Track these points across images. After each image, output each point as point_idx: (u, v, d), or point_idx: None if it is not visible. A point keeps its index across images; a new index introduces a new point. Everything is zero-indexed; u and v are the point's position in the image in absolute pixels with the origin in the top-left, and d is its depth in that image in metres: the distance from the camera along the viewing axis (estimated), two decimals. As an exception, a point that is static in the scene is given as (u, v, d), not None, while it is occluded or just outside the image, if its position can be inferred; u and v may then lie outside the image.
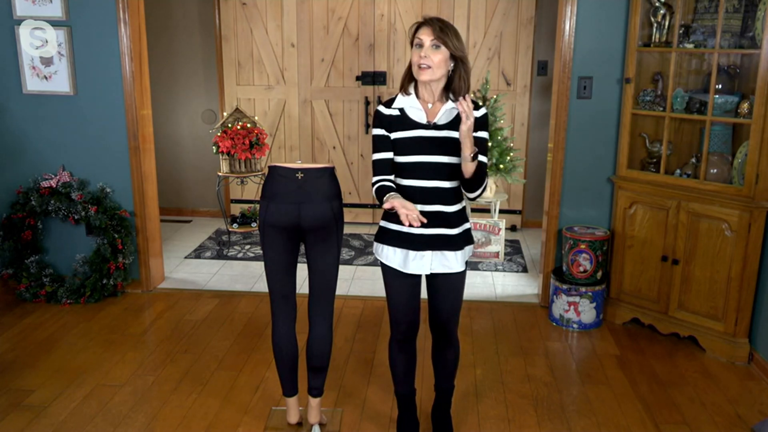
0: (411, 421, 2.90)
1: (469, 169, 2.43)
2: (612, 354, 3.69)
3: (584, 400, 3.24)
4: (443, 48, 2.42)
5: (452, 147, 2.48)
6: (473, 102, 2.52)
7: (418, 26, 2.47)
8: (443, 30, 2.41)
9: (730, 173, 3.59)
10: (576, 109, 4.01)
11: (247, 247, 5.36)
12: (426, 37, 2.42)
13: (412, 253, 2.55)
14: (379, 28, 5.57)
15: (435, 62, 2.41)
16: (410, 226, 2.32)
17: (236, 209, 5.96)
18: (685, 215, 3.65)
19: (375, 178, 2.54)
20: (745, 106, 3.45)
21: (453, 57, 2.45)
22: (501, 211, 5.62)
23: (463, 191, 2.56)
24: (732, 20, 3.49)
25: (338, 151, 5.86)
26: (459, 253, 2.58)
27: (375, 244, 2.66)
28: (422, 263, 2.56)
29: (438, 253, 2.56)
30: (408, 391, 2.88)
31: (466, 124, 2.31)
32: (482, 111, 2.53)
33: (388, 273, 2.64)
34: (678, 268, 3.71)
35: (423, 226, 2.44)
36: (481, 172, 2.47)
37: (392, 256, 2.59)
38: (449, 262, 2.57)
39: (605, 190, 4.10)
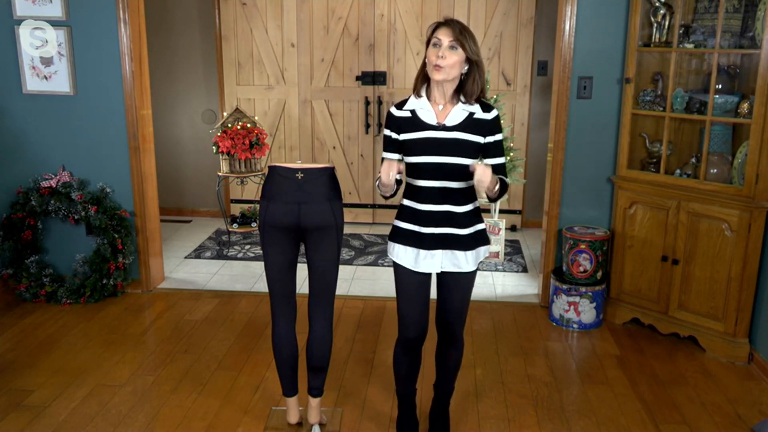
0: (410, 420, 2.91)
1: (493, 195, 2.51)
2: (612, 354, 3.69)
3: (584, 400, 3.24)
4: (460, 50, 2.44)
5: (462, 148, 2.50)
6: (484, 103, 2.57)
7: (438, 26, 2.49)
8: (462, 32, 2.44)
9: (730, 173, 3.59)
10: (576, 109, 4.01)
11: (247, 247, 5.36)
12: (445, 37, 2.44)
13: (423, 252, 2.58)
14: (379, 28, 5.57)
15: (450, 63, 2.44)
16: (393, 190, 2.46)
17: (236, 209, 5.96)
18: (685, 215, 3.65)
19: (378, 175, 2.61)
20: (745, 106, 3.45)
21: (468, 60, 2.48)
22: (501, 211, 5.61)
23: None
24: (732, 20, 3.49)
25: (338, 151, 5.86)
26: (470, 253, 2.59)
27: (389, 243, 2.69)
28: (433, 262, 2.59)
29: (448, 252, 2.58)
30: (409, 392, 2.89)
31: (483, 183, 2.36)
32: (494, 113, 2.56)
33: (400, 271, 2.66)
34: (678, 268, 3.71)
35: (432, 224, 2.55)
36: (503, 184, 2.53)
37: (403, 254, 2.62)
38: (459, 261, 2.59)
39: (605, 190, 4.10)
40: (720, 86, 3.58)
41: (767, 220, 3.46)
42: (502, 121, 5.06)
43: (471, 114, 2.53)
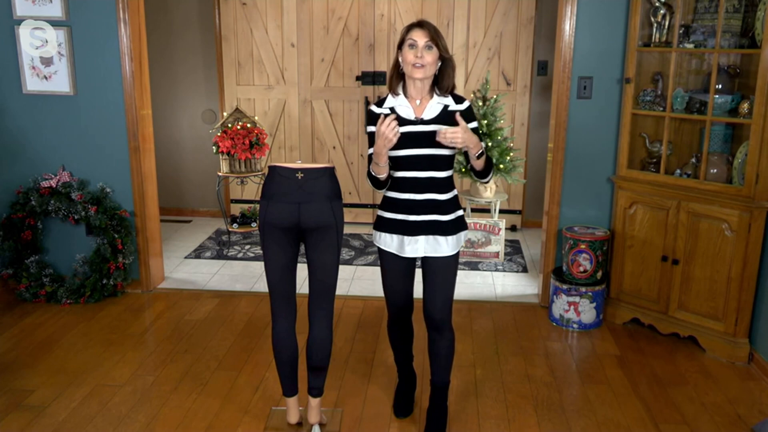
0: (408, 385, 3.14)
1: (478, 164, 2.68)
2: (612, 354, 3.69)
3: (584, 400, 3.24)
4: (435, 49, 2.62)
5: None
6: (457, 96, 2.73)
7: (411, 28, 2.66)
8: (436, 33, 2.63)
9: (730, 173, 3.60)
10: (576, 109, 4.01)
11: (247, 247, 5.36)
12: (420, 38, 2.62)
13: (407, 238, 2.74)
14: (379, 28, 5.57)
15: (428, 61, 2.62)
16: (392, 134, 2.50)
17: (236, 209, 5.97)
18: (685, 215, 3.65)
19: (369, 168, 2.74)
20: (745, 106, 3.45)
21: (441, 57, 2.65)
22: (501, 211, 5.61)
23: (477, 179, 2.78)
24: (732, 20, 3.49)
25: (338, 151, 5.86)
26: (450, 237, 2.75)
27: (374, 231, 2.84)
28: (416, 247, 2.74)
29: (431, 237, 2.73)
30: (405, 359, 3.11)
31: (456, 143, 2.52)
32: (466, 104, 2.74)
33: (385, 257, 2.83)
34: (678, 268, 3.71)
35: (416, 212, 2.69)
36: (488, 159, 2.72)
37: (390, 241, 2.78)
38: (440, 246, 2.74)
39: (605, 190, 4.10)
40: (720, 86, 3.58)
41: (767, 220, 3.46)
42: (501, 122, 5.08)
43: (446, 107, 2.70)
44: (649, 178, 3.81)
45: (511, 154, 4.88)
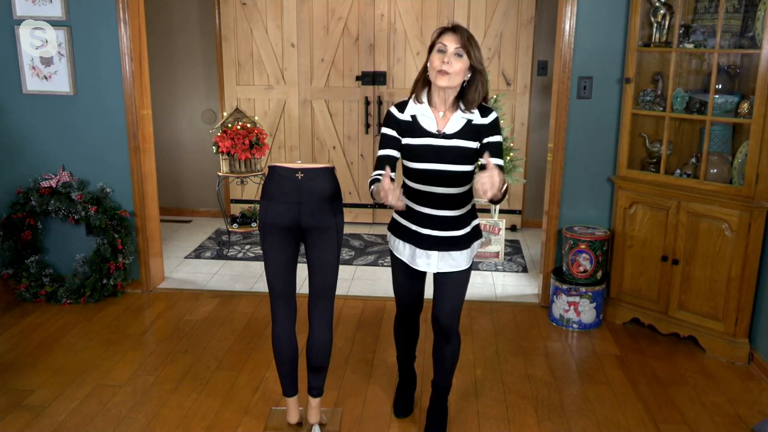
0: (408, 383, 3.12)
1: (496, 198, 2.33)
2: (612, 354, 3.69)
3: (584, 400, 3.24)
4: (465, 57, 2.44)
5: (460, 156, 2.53)
6: (483, 107, 2.55)
7: (443, 31, 2.48)
8: (469, 40, 2.44)
9: (730, 173, 3.60)
10: (576, 109, 4.01)
11: (247, 247, 5.36)
12: (451, 43, 2.44)
13: (419, 251, 2.66)
14: (379, 28, 5.57)
15: (455, 69, 2.44)
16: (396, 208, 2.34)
17: (236, 209, 5.97)
18: (685, 215, 3.65)
19: (374, 173, 2.57)
20: (745, 106, 3.45)
21: (471, 68, 2.48)
22: (501, 211, 5.61)
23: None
24: (732, 20, 3.49)
25: (338, 151, 5.86)
26: (466, 251, 2.66)
27: (389, 234, 2.79)
28: (428, 262, 2.66)
29: (445, 253, 2.64)
30: (407, 357, 3.08)
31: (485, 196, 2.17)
32: (492, 116, 2.56)
33: (397, 263, 2.77)
34: (678, 268, 3.71)
35: (430, 226, 2.60)
36: (504, 187, 2.33)
37: (401, 249, 2.72)
38: (455, 261, 2.65)
39: (605, 190, 4.10)
40: (720, 86, 3.58)
41: (767, 220, 3.46)
42: (502, 122, 5.07)
43: (470, 121, 2.55)
44: (649, 178, 3.81)
45: (511, 154, 4.88)
